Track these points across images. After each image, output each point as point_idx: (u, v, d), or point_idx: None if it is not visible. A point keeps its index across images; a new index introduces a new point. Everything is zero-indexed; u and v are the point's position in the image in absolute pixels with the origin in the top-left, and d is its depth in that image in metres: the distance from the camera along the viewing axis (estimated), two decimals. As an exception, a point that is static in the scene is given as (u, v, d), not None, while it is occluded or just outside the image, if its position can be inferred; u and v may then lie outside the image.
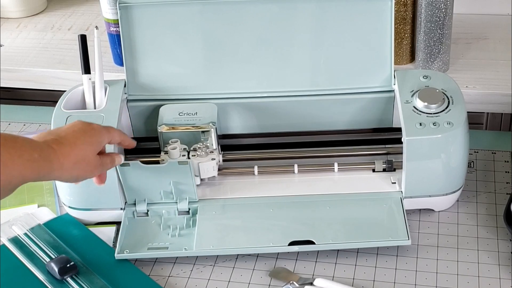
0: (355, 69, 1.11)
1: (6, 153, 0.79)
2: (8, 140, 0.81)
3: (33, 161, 0.82)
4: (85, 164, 0.90)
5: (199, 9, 1.10)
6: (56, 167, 0.85)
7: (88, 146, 0.90)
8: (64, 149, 0.87)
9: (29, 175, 0.82)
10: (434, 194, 1.04)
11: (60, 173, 0.87)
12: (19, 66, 1.42)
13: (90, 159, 0.91)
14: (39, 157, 0.83)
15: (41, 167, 0.83)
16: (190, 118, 1.09)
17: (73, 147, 0.88)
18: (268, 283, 0.98)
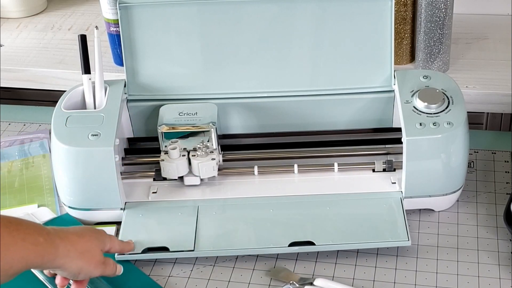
0: (355, 69, 1.11)
1: (8, 235, 0.77)
2: (12, 223, 0.79)
3: (38, 245, 0.80)
4: (90, 256, 0.87)
5: (199, 9, 1.10)
6: (61, 254, 0.83)
7: (94, 240, 0.89)
8: (71, 237, 0.85)
9: (33, 259, 0.79)
10: (434, 194, 1.04)
11: (65, 261, 0.84)
12: (19, 66, 1.42)
13: (96, 252, 0.89)
14: (44, 241, 0.81)
15: (46, 252, 0.81)
16: (190, 118, 1.09)
17: (80, 237, 0.87)
18: (268, 283, 0.98)
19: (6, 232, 0.77)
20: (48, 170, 1.18)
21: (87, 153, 1.02)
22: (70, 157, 1.02)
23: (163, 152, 1.08)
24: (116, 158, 1.02)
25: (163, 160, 1.06)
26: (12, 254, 0.77)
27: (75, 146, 1.02)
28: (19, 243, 0.78)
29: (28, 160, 1.22)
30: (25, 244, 0.78)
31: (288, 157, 1.11)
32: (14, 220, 0.80)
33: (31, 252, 0.79)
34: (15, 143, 1.25)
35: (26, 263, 0.79)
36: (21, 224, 0.80)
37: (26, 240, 0.79)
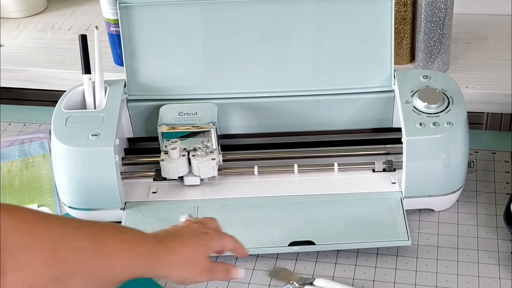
0: (355, 69, 1.11)
1: (113, 245, 0.76)
2: (117, 232, 0.78)
3: (141, 255, 0.79)
4: (194, 265, 0.84)
5: (199, 9, 1.10)
6: (164, 264, 0.81)
7: (198, 247, 0.85)
8: (175, 246, 0.83)
9: (135, 269, 0.78)
10: (434, 194, 1.04)
11: (168, 270, 0.82)
12: (19, 66, 1.42)
13: (200, 261, 0.85)
14: (148, 251, 0.80)
15: (149, 262, 0.80)
16: (190, 118, 1.09)
17: (185, 245, 0.84)
18: (268, 283, 0.97)
19: (111, 241, 0.76)
20: (48, 170, 1.18)
21: (87, 153, 1.02)
22: (70, 157, 1.02)
23: (163, 152, 1.08)
24: (116, 158, 1.02)
25: (163, 160, 1.06)
26: (115, 264, 0.76)
27: (75, 146, 1.02)
28: (122, 252, 0.77)
29: (28, 160, 1.22)
30: (129, 254, 0.78)
31: (288, 157, 1.11)
32: (120, 229, 0.80)
33: (134, 262, 0.78)
34: (15, 143, 1.25)
35: (128, 272, 0.78)
36: (126, 233, 0.79)
37: (130, 250, 0.78)
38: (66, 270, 0.71)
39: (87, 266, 0.73)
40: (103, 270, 0.75)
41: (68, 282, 0.72)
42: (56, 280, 0.71)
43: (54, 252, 0.71)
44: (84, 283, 0.73)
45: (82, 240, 0.74)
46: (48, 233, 0.71)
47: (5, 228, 0.68)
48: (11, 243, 0.68)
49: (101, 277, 0.75)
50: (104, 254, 0.75)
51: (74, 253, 0.72)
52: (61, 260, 0.71)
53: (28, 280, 0.69)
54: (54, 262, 0.70)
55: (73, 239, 0.73)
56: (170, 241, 0.83)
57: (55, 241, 0.71)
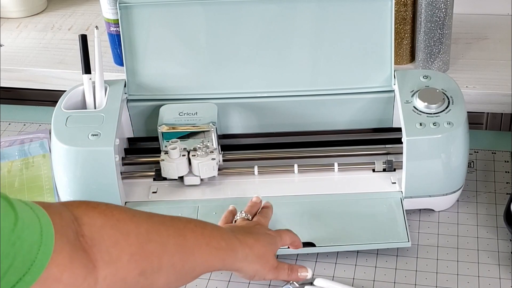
0: (355, 69, 1.11)
1: (194, 239, 0.79)
2: (198, 226, 0.81)
3: (220, 249, 0.82)
4: (265, 260, 0.89)
5: (199, 9, 1.10)
6: (240, 258, 0.86)
7: (268, 245, 0.90)
8: (249, 241, 0.87)
9: (214, 263, 0.82)
10: (434, 194, 1.04)
11: (243, 265, 0.87)
12: (19, 66, 1.42)
13: (270, 257, 0.90)
14: (226, 245, 0.83)
15: (227, 256, 0.84)
16: (190, 118, 1.09)
17: (257, 241, 0.88)
18: (268, 283, 0.97)
19: (192, 236, 0.79)
20: (48, 170, 1.18)
21: (87, 153, 1.02)
22: (70, 157, 1.02)
23: (163, 152, 1.08)
24: (116, 158, 1.02)
25: (163, 160, 1.06)
26: (196, 258, 0.79)
27: (75, 146, 1.02)
28: (203, 247, 0.80)
29: (28, 160, 1.22)
30: (209, 249, 0.81)
31: (288, 157, 1.11)
32: (199, 224, 0.82)
33: (214, 256, 0.82)
34: (15, 143, 1.25)
35: (208, 266, 0.82)
36: (206, 228, 0.83)
37: (209, 244, 0.81)
38: (152, 264, 0.74)
39: (171, 260, 0.76)
40: (185, 264, 0.78)
41: (153, 276, 0.75)
42: (144, 275, 0.73)
43: (142, 247, 0.74)
44: (167, 277, 0.76)
45: (167, 236, 0.77)
46: (136, 229, 0.74)
47: (97, 225, 0.71)
48: (102, 240, 0.71)
49: (184, 271, 0.78)
50: (186, 249, 0.78)
51: (159, 248, 0.75)
52: (148, 255, 0.74)
53: (118, 275, 0.71)
54: (141, 257, 0.73)
55: (159, 235, 0.76)
56: (244, 236, 0.87)
57: (143, 237, 0.74)
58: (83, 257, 0.69)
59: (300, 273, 0.94)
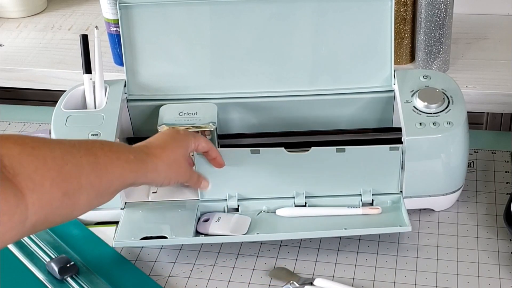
0: (355, 69, 1.11)
1: (105, 156, 0.82)
2: (105, 144, 0.84)
3: (130, 162, 0.86)
4: (177, 166, 0.94)
5: (199, 9, 1.10)
6: (150, 169, 0.89)
7: (177, 149, 0.94)
8: (155, 151, 0.91)
9: (128, 176, 0.85)
10: (434, 194, 1.04)
11: (155, 175, 0.91)
12: (19, 66, 1.42)
13: (181, 162, 0.94)
14: (134, 158, 0.86)
15: (138, 168, 0.87)
16: (190, 118, 1.09)
17: (164, 149, 0.92)
18: (268, 283, 0.98)
19: (102, 153, 0.82)
20: (48, 170, 1.18)
21: (87, 153, 1.02)
22: (70, 157, 1.02)
23: (163, 152, 1.08)
24: (116, 158, 1.02)
25: (163, 160, 1.06)
26: (110, 173, 0.82)
27: (75, 146, 1.02)
28: (114, 162, 0.83)
29: (28, 160, 1.21)
30: (120, 163, 0.84)
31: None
32: (105, 142, 0.86)
33: (126, 170, 0.85)
34: (15, 143, 1.25)
35: (123, 180, 0.85)
36: (112, 145, 0.86)
37: (120, 158, 0.84)
38: (72, 185, 0.77)
39: (88, 179, 0.79)
40: (102, 180, 0.81)
41: (75, 196, 0.78)
42: (67, 195, 0.77)
43: (60, 170, 0.76)
44: (88, 195, 0.80)
45: (79, 156, 0.79)
46: (51, 154, 0.76)
47: (14, 154, 0.73)
48: (23, 168, 0.73)
49: (101, 187, 0.81)
50: (99, 166, 0.81)
51: (76, 168, 0.78)
52: (67, 177, 0.77)
53: (43, 198, 0.74)
54: (62, 179, 0.76)
55: (72, 156, 0.79)
56: (149, 147, 0.92)
57: (58, 160, 0.77)
58: (11, 186, 0.71)
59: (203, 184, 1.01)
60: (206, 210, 1.05)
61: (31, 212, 0.73)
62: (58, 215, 0.77)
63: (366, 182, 1.04)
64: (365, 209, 1.03)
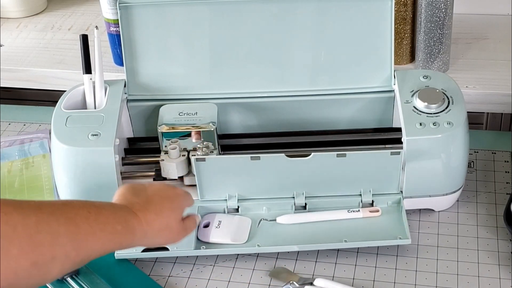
0: (355, 69, 1.11)
1: (88, 226, 0.78)
2: (92, 213, 0.80)
3: (116, 234, 0.81)
4: (168, 231, 0.88)
5: (199, 9, 1.10)
6: (139, 237, 0.84)
7: (171, 213, 0.88)
8: (149, 216, 0.85)
9: (111, 247, 0.81)
10: (434, 194, 1.04)
11: (143, 242, 0.86)
12: (19, 66, 1.42)
13: (173, 226, 0.89)
14: (122, 229, 0.82)
15: (124, 239, 0.82)
16: (190, 118, 1.09)
17: (158, 215, 0.86)
18: (268, 283, 0.98)
19: (86, 223, 0.78)
20: (48, 170, 1.18)
21: (87, 153, 1.02)
22: (70, 157, 1.02)
23: (163, 152, 1.08)
24: (116, 158, 1.02)
25: (163, 160, 1.06)
26: (91, 245, 0.78)
27: (75, 146, 1.02)
28: (97, 233, 0.79)
29: (28, 160, 1.22)
30: (104, 235, 0.80)
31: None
32: (94, 210, 0.80)
33: (110, 241, 0.81)
34: (15, 143, 1.25)
35: (104, 250, 0.81)
36: (100, 214, 0.80)
37: (104, 230, 0.80)
38: (44, 255, 0.74)
39: (64, 249, 0.75)
40: (80, 251, 0.77)
41: (47, 266, 0.74)
42: (36, 265, 0.73)
43: (30, 239, 0.73)
44: (62, 265, 0.76)
45: (57, 225, 0.75)
46: (23, 221, 0.73)
47: None
48: None
49: (79, 258, 0.77)
50: (79, 237, 0.77)
51: (50, 238, 0.74)
52: (38, 246, 0.73)
53: (9, 266, 0.71)
54: (31, 249, 0.73)
55: (49, 225, 0.75)
56: (144, 211, 0.85)
57: (31, 228, 0.73)
58: None
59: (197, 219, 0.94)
60: (206, 211, 1.05)
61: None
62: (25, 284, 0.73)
63: (366, 183, 1.04)
64: (365, 212, 1.03)
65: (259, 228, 1.02)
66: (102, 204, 0.83)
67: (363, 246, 1.00)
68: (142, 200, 0.87)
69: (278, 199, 1.05)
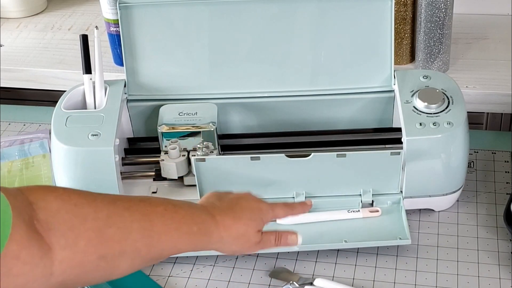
0: (355, 69, 1.11)
1: (162, 224, 0.77)
2: (168, 211, 0.79)
3: (191, 234, 0.80)
4: (244, 240, 0.86)
5: (199, 9, 1.10)
6: (214, 241, 0.83)
7: (250, 222, 0.86)
8: (227, 221, 0.84)
9: (184, 247, 0.81)
10: (434, 194, 1.04)
11: (218, 247, 0.85)
12: (19, 66, 1.42)
13: (250, 235, 0.86)
14: (198, 230, 0.81)
15: (199, 241, 0.81)
16: (190, 118, 1.09)
17: (236, 221, 0.85)
18: (268, 283, 0.98)
19: (161, 221, 0.77)
20: (48, 170, 1.18)
21: (87, 153, 1.02)
22: (70, 157, 1.03)
23: (163, 152, 1.08)
24: (116, 158, 1.02)
25: (163, 160, 1.06)
26: (163, 243, 0.78)
27: (75, 146, 1.02)
28: (172, 232, 0.78)
29: (28, 160, 1.22)
30: (178, 234, 0.79)
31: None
32: (171, 207, 0.80)
33: (184, 241, 0.80)
34: (15, 143, 1.25)
35: (177, 250, 0.80)
36: (177, 213, 0.80)
37: (179, 229, 0.79)
38: (113, 249, 0.74)
39: (135, 246, 0.75)
40: (152, 249, 0.77)
41: (115, 260, 0.74)
42: (104, 259, 0.73)
43: (100, 232, 0.73)
44: (132, 261, 0.76)
45: (130, 221, 0.75)
46: (95, 214, 0.73)
47: (52, 209, 0.71)
48: (58, 224, 0.70)
49: (149, 255, 0.77)
50: (152, 234, 0.76)
51: (121, 233, 0.74)
52: (107, 240, 0.73)
53: (75, 258, 0.71)
54: (99, 242, 0.73)
55: (121, 220, 0.75)
56: (223, 216, 0.84)
57: (101, 221, 0.73)
58: (39, 239, 0.69)
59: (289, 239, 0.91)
60: None
61: (57, 269, 0.70)
62: (92, 277, 0.74)
63: (366, 183, 1.04)
64: (365, 212, 1.03)
65: None
66: (181, 203, 0.82)
67: (363, 246, 1.00)
68: (223, 204, 0.86)
69: (278, 199, 1.05)
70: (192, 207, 0.83)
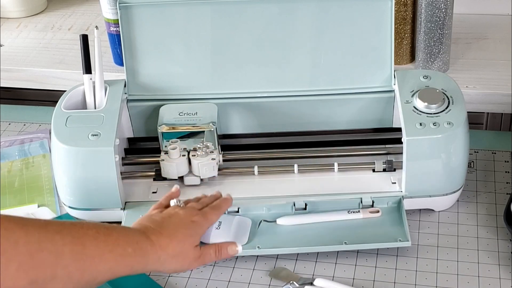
0: (355, 69, 1.11)
1: (95, 247, 0.76)
2: (100, 233, 0.78)
3: (126, 256, 0.79)
4: (183, 257, 0.86)
5: (199, 9, 1.10)
6: (152, 261, 0.83)
7: (186, 238, 0.87)
8: (162, 241, 0.84)
9: (121, 270, 0.80)
10: (434, 194, 1.04)
11: (156, 267, 0.84)
12: (19, 66, 1.42)
13: (188, 252, 0.87)
14: (133, 252, 0.80)
15: (136, 262, 0.81)
16: (190, 118, 1.09)
17: (172, 239, 0.85)
18: (268, 283, 0.98)
19: (93, 244, 0.77)
20: (48, 170, 1.18)
21: (87, 153, 1.02)
22: (70, 157, 1.03)
23: (163, 152, 1.08)
24: (116, 158, 1.02)
25: (163, 160, 1.06)
26: (97, 266, 0.76)
27: (75, 146, 1.02)
28: (106, 255, 0.77)
29: (28, 160, 1.22)
30: (113, 256, 0.78)
31: (288, 157, 1.11)
32: (103, 231, 0.79)
33: (119, 264, 0.79)
34: (15, 143, 1.25)
35: (113, 273, 0.79)
36: (110, 235, 0.79)
37: (113, 251, 0.78)
38: (44, 274, 0.72)
39: (67, 270, 0.74)
40: (85, 273, 0.75)
41: (47, 285, 0.73)
42: (35, 284, 0.72)
43: (31, 256, 0.72)
44: (64, 285, 0.74)
45: (62, 244, 0.74)
46: (26, 238, 0.72)
47: None
48: None
49: (83, 279, 0.75)
50: (85, 258, 0.75)
51: (52, 257, 0.73)
52: (38, 264, 0.72)
53: (6, 283, 0.70)
54: (30, 266, 0.71)
55: (52, 244, 0.74)
56: (157, 235, 0.84)
57: (33, 245, 0.72)
58: None
59: (229, 250, 0.92)
60: None
61: None
62: None
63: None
64: (365, 213, 1.03)
65: (259, 229, 1.02)
66: (113, 226, 0.81)
67: (363, 248, 1.00)
68: (156, 224, 0.86)
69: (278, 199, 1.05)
70: (126, 229, 0.83)
